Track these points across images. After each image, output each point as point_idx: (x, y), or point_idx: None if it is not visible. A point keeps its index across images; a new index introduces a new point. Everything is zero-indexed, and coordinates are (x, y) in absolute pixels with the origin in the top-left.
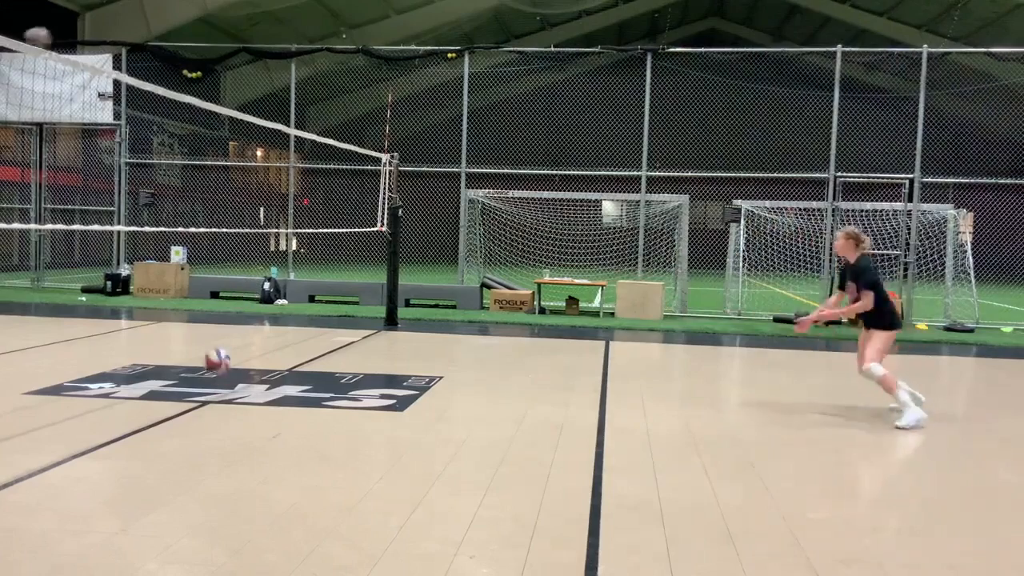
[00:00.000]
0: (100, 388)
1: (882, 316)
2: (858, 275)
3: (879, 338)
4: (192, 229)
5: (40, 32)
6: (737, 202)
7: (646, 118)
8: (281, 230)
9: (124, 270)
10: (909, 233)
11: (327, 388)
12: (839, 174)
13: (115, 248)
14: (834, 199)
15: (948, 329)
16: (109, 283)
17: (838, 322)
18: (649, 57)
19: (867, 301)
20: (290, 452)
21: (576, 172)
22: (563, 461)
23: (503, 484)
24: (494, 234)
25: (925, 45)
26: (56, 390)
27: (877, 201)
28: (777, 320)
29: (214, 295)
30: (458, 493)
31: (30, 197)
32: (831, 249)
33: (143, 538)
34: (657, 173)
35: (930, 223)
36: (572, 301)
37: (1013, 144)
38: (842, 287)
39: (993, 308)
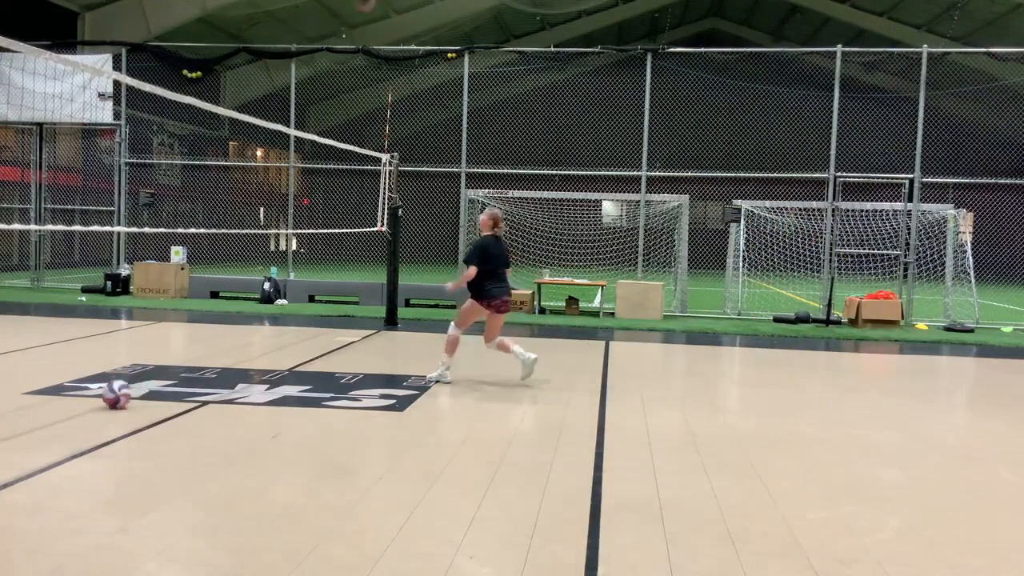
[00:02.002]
0: (100, 388)
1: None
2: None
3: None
4: (192, 229)
5: None
6: (737, 202)
7: (646, 118)
8: (281, 230)
9: (124, 270)
10: (909, 233)
11: (327, 388)
12: (839, 174)
13: (115, 248)
14: (834, 199)
15: (948, 329)
16: (109, 283)
17: (838, 321)
18: (649, 57)
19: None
20: (290, 452)
21: (576, 172)
22: (563, 461)
23: (503, 484)
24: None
25: (925, 45)
26: (56, 390)
27: (877, 201)
28: (777, 320)
29: (214, 295)
30: (458, 493)
31: (30, 197)
32: (831, 249)
33: (143, 538)
34: (657, 173)
35: (930, 223)
36: (572, 301)
37: (1013, 144)
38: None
39: (993, 308)
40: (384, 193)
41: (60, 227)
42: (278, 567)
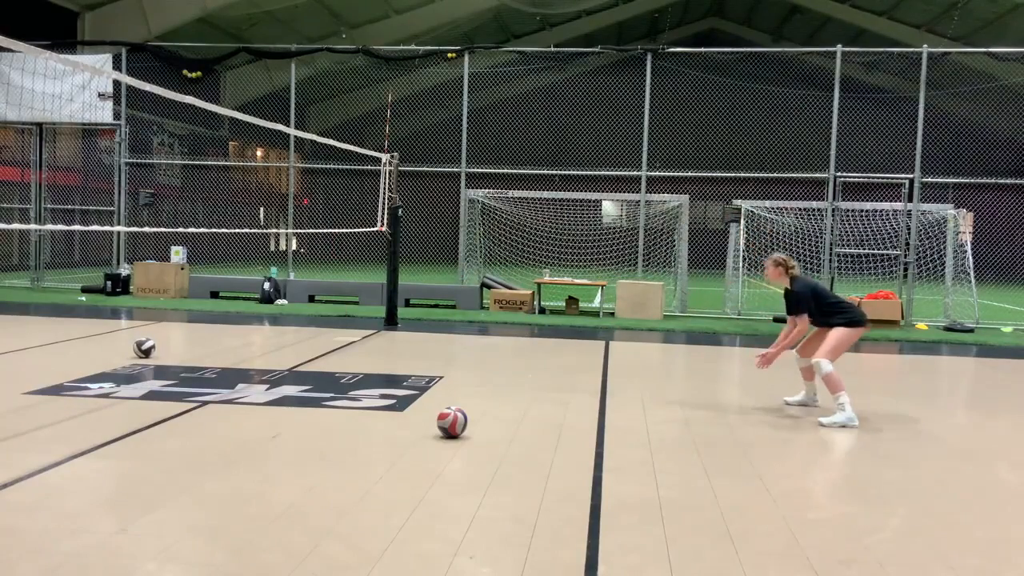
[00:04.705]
0: (100, 388)
1: (835, 316)
2: (791, 303)
3: (838, 334)
4: (192, 229)
5: None
6: (737, 202)
7: (646, 118)
8: (281, 230)
9: (124, 270)
10: (909, 233)
11: (327, 388)
12: (839, 174)
13: (115, 248)
14: (834, 199)
15: (948, 329)
16: (109, 283)
17: None
18: (649, 57)
19: (802, 326)
20: (290, 452)
21: (576, 172)
22: (563, 461)
23: (503, 484)
24: (494, 234)
25: (925, 45)
26: (56, 390)
27: (877, 201)
28: (777, 320)
29: (214, 295)
30: (458, 493)
31: (30, 197)
32: (831, 249)
33: (143, 538)
34: (657, 173)
35: (930, 223)
36: (572, 301)
37: (1013, 144)
38: (791, 312)
39: (993, 308)
40: (384, 193)
41: (60, 227)
42: (278, 567)
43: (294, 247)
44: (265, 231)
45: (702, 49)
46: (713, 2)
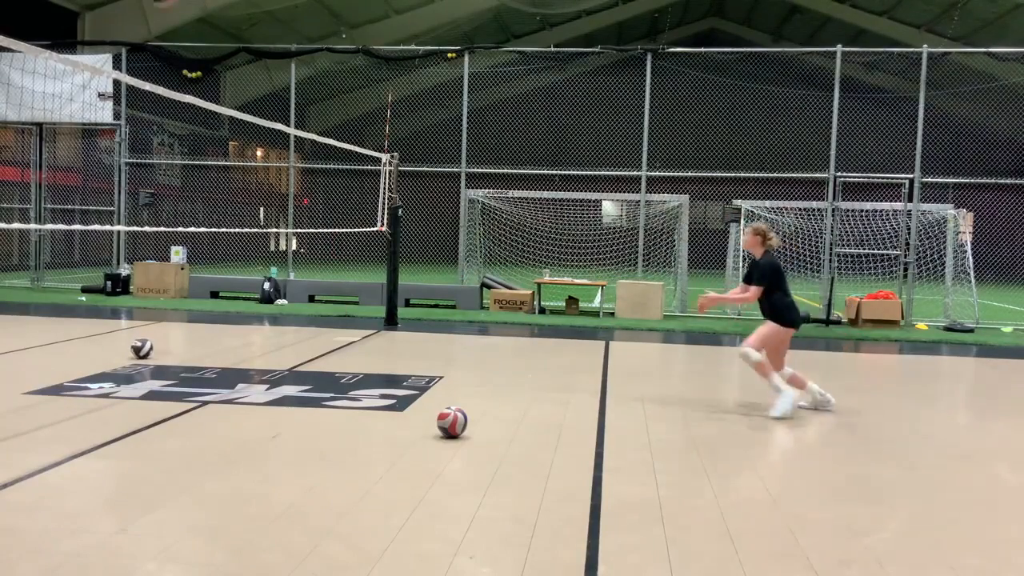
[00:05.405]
0: (100, 388)
1: (778, 313)
2: (752, 272)
3: (770, 328)
4: (192, 229)
5: None
6: (737, 202)
7: (646, 118)
8: (281, 230)
9: (124, 270)
10: (909, 233)
11: (327, 388)
12: (839, 174)
13: (115, 248)
14: (834, 199)
15: (948, 329)
16: (109, 283)
17: (838, 321)
18: (649, 57)
19: (750, 295)
20: (290, 452)
21: (576, 172)
22: (563, 461)
23: (503, 484)
24: (494, 234)
25: (925, 45)
26: (56, 390)
27: (877, 201)
28: None
29: (214, 295)
30: (458, 493)
31: (30, 197)
32: (831, 249)
33: (143, 538)
34: (657, 173)
35: (930, 223)
36: (572, 301)
37: (1013, 144)
38: (747, 280)
39: (993, 308)
40: (384, 193)
41: (60, 227)
42: (278, 567)
43: (294, 247)
44: (265, 231)
45: (702, 49)
46: (713, 2)
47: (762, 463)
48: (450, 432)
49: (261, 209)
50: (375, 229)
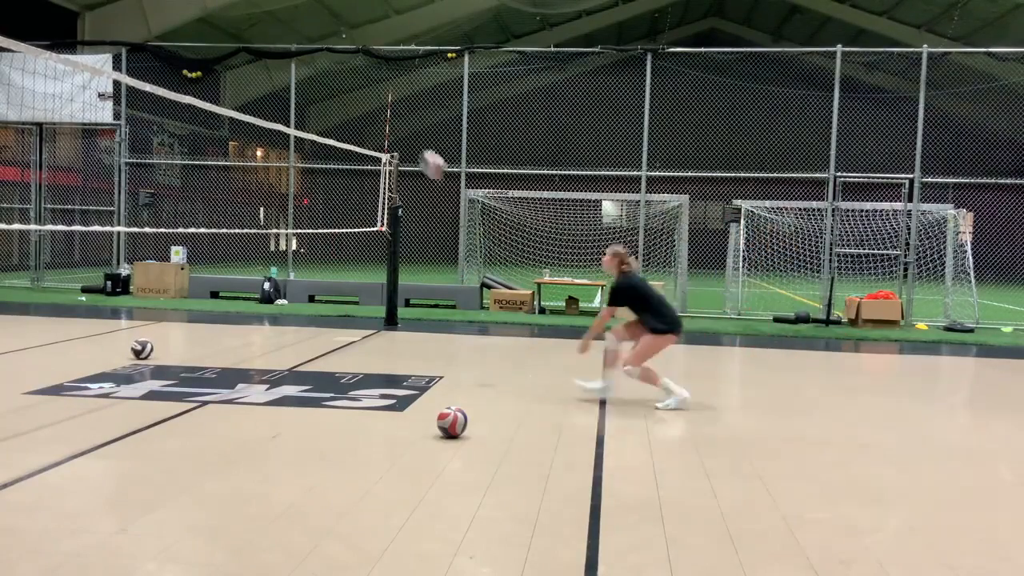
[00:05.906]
0: (100, 388)
1: (650, 326)
2: (609, 294)
3: (644, 343)
4: (192, 229)
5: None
6: (737, 202)
7: (646, 118)
8: (281, 230)
9: (124, 270)
10: (909, 233)
11: (327, 388)
12: (839, 174)
13: (115, 248)
14: (834, 199)
15: (948, 329)
16: (109, 283)
17: (838, 321)
18: (649, 57)
19: (603, 314)
20: (290, 452)
21: (576, 172)
22: (563, 461)
23: (503, 484)
24: (494, 234)
25: (925, 45)
26: (56, 390)
27: (877, 201)
28: (777, 320)
29: (214, 295)
30: (458, 493)
31: (30, 197)
32: (831, 249)
33: (143, 538)
34: (657, 173)
35: (930, 223)
36: (572, 301)
37: (1013, 144)
38: (607, 302)
39: (993, 308)
40: (384, 193)
41: (60, 227)
42: (278, 567)
43: (294, 247)
44: (265, 231)
45: (702, 49)
46: (713, 2)
47: (762, 463)
48: (450, 432)
49: (261, 209)
50: (375, 229)
